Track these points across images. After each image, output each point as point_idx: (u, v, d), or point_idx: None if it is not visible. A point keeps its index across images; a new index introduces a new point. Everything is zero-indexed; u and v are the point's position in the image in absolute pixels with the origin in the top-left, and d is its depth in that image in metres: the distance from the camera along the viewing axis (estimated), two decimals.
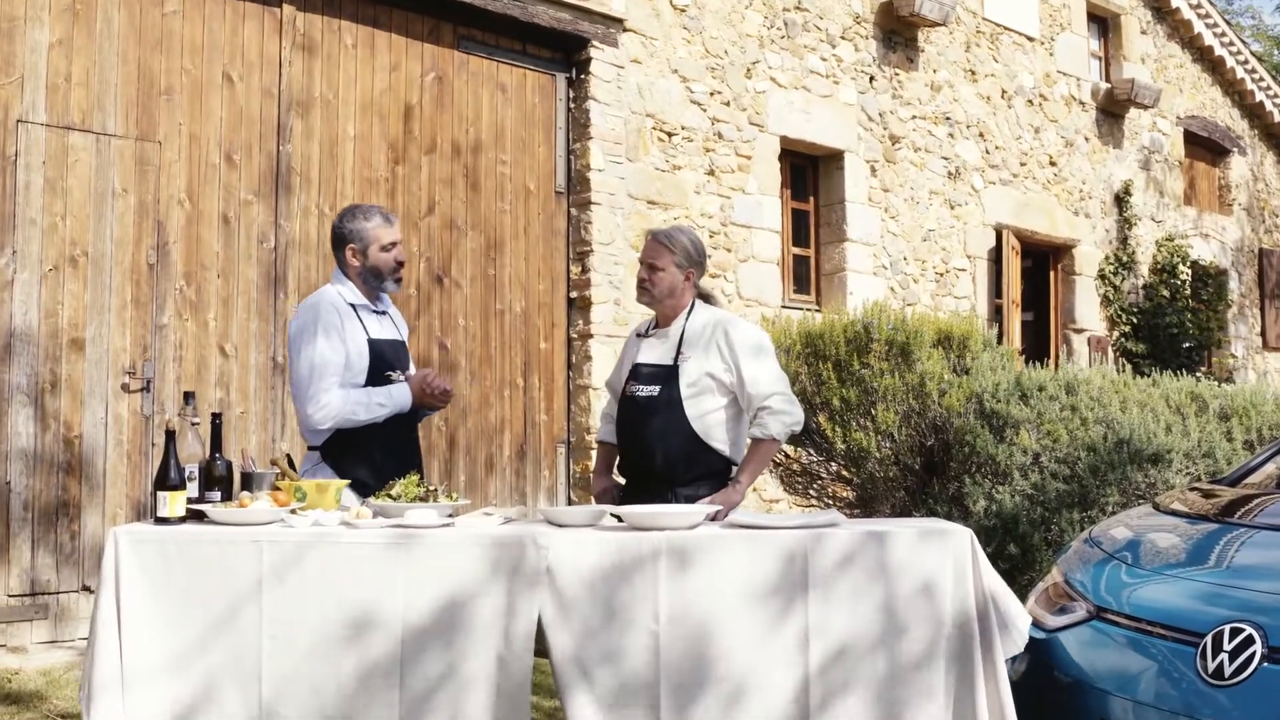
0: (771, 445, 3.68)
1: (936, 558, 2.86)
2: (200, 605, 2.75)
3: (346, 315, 3.58)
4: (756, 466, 3.68)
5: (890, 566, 2.84)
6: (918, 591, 2.83)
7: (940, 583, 2.84)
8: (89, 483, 5.51)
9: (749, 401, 3.66)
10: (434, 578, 2.77)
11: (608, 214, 7.34)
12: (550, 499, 7.19)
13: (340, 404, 3.49)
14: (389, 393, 3.58)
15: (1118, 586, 3.21)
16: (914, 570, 2.84)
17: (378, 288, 3.71)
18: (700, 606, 2.79)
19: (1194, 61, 12.75)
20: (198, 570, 2.76)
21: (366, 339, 3.59)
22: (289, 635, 2.73)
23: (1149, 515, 3.75)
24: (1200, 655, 2.76)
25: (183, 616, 2.74)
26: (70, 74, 5.56)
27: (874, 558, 2.84)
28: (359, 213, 3.69)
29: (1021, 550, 5.15)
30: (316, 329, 3.51)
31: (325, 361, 3.49)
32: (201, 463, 3.09)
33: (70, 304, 5.51)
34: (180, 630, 2.74)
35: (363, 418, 3.52)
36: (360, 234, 3.66)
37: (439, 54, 6.89)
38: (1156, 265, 11.78)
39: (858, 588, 2.82)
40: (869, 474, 5.78)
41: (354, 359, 3.55)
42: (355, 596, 2.76)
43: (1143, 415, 5.53)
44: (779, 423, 3.64)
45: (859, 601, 2.82)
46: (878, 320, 5.82)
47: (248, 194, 6.10)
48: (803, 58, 8.75)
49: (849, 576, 2.83)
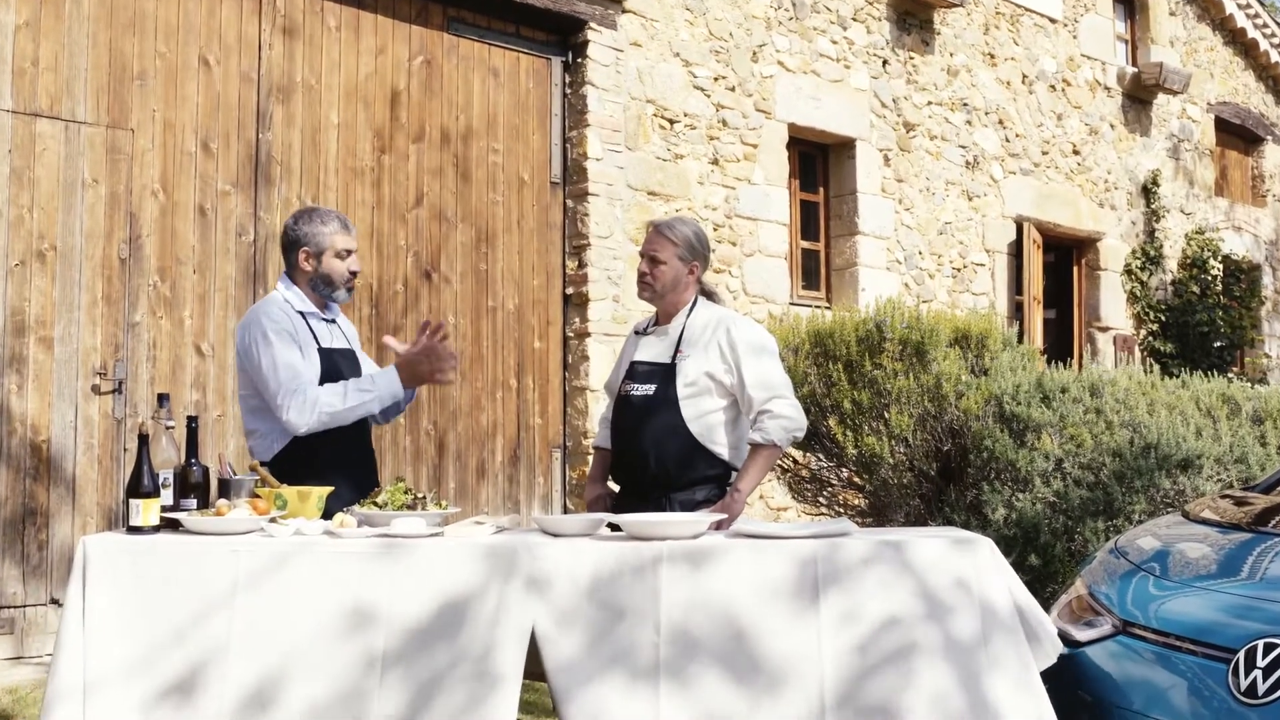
0: (773, 452, 3.67)
1: (956, 568, 2.85)
2: (174, 618, 2.74)
3: (298, 323, 3.57)
4: (756, 474, 3.66)
5: (906, 577, 2.84)
6: (936, 604, 2.83)
7: (961, 595, 2.83)
8: (58, 489, 5.51)
9: (749, 404, 3.66)
10: (421, 590, 2.77)
11: (606, 206, 7.34)
12: (545, 507, 7.19)
13: (314, 403, 3.42)
14: (371, 379, 3.54)
15: (1145, 599, 3.21)
16: (932, 581, 2.84)
17: (327, 296, 3.69)
18: (703, 620, 2.78)
19: (1225, 45, 12.75)
20: (172, 582, 2.76)
21: (317, 348, 3.59)
22: (265, 650, 2.73)
23: (1178, 524, 3.75)
24: (1232, 672, 2.76)
25: (155, 630, 2.74)
26: (38, 58, 5.56)
27: (889, 568, 2.84)
28: (316, 216, 3.68)
29: (1043, 561, 5.15)
30: (274, 336, 3.49)
31: (290, 363, 3.46)
32: (176, 468, 3.09)
33: (38, 300, 5.51)
34: (152, 644, 2.73)
35: (345, 407, 3.45)
36: (315, 238, 3.64)
37: (427, 36, 6.89)
38: (1186, 260, 11.78)
39: (872, 600, 2.82)
40: (882, 480, 5.78)
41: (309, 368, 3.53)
42: (338, 610, 2.75)
43: (1171, 418, 5.53)
44: (780, 428, 3.63)
45: (874, 615, 2.81)
46: (891, 318, 5.82)
47: (225, 184, 6.10)
48: (812, 40, 8.75)
49: (863, 589, 2.82)
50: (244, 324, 3.59)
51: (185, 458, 3.12)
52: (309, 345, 3.56)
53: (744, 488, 3.64)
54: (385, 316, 6.59)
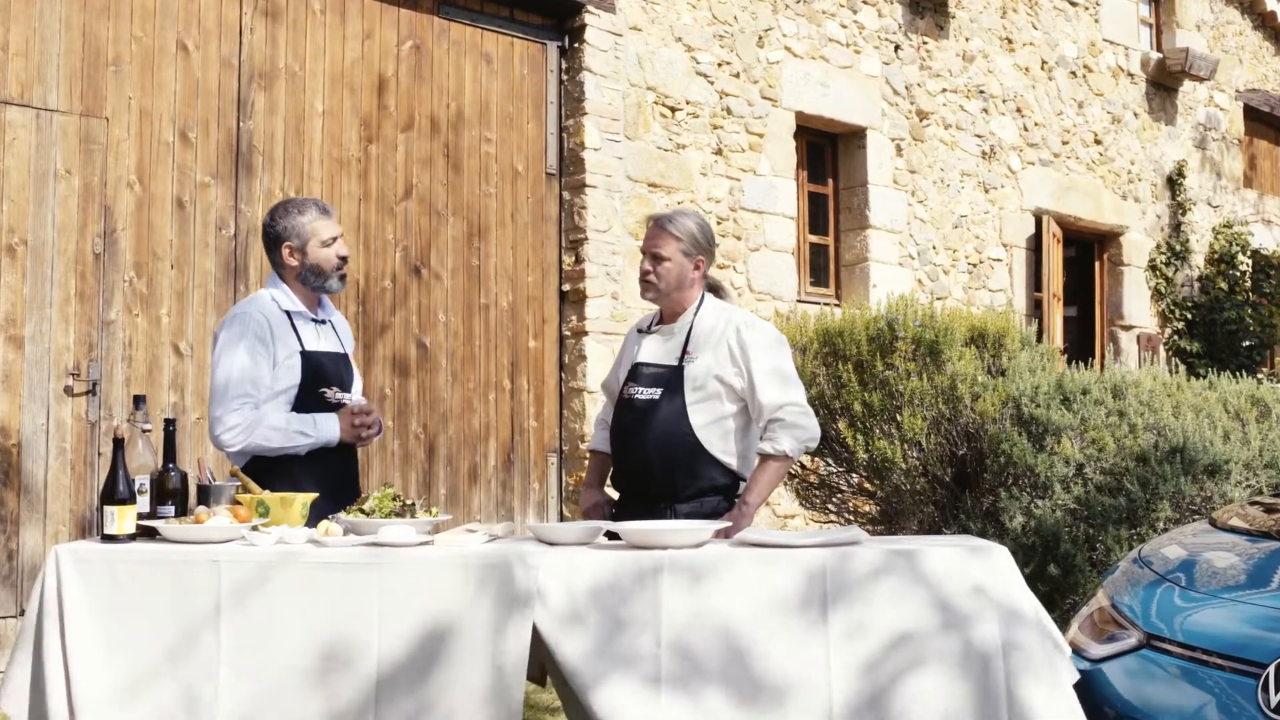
0: (784, 463, 3.64)
1: (972, 578, 2.85)
2: (151, 633, 2.74)
3: (279, 324, 3.58)
4: (766, 486, 3.62)
5: (919, 587, 2.84)
6: (951, 614, 2.83)
7: (978, 603, 2.83)
8: (28, 496, 5.51)
9: (759, 411, 3.62)
10: (412, 602, 2.77)
11: (604, 198, 7.34)
12: (540, 514, 7.19)
13: (251, 427, 3.47)
14: (314, 421, 3.56)
15: (1170, 611, 3.21)
16: (947, 590, 2.84)
17: (319, 288, 3.70)
18: (706, 633, 2.78)
19: (1255, 29, 12.75)
20: (149, 593, 2.76)
21: (299, 351, 3.59)
22: (249, 666, 2.73)
23: (1205, 532, 3.75)
24: (1262, 687, 2.76)
25: (131, 646, 2.74)
26: (7, 43, 5.55)
27: (901, 578, 2.84)
28: (292, 207, 3.69)
29: (1063, 571, 5.15)
30: (240, 341, 3.52)
31: (244, 378, 3.49)
32: (153, 474, 3.09)
33: (7, 297, 5.51)
34: (128, 661, 2.74)
35: (276, 445, 3.51)
36: (296, 230, 3.64)
37: (416, 20, 6.89)
38: (1213, 255, 11.78)
39: (884, 611, 2.82)
40: (894, 487, 5.78)
41: (284, 375, 3.55)
42: (324, 622, 2.75)
43: (1198, 421, 5.53)
44: (792, 438, 3.59)
45: (886, 627, 2.82)
46: (903, 316, 5.82)
47: (204, 175, 6.10)
48: (820, 24, 8.75)
49: (874, 600, 2.82)
50: (232, 315, 3.63)
51: (162, 463, 3.13)
52: (290, 351, 3.57)
53: (753, 500, 3.60)
54: (373, 314, 6.59)
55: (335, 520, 3.11)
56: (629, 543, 2.95)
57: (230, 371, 3.49)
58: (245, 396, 3.49)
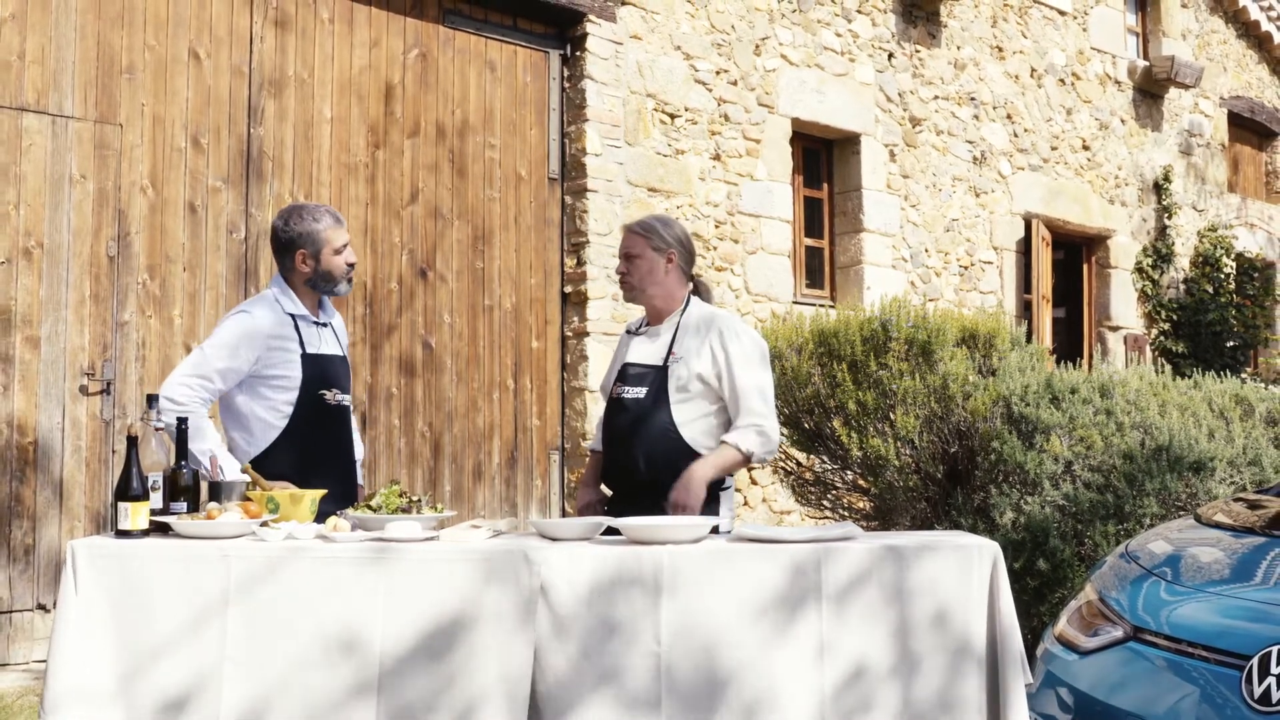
0: (741, 460, 3.60)
1: (962, 573, 2.85)
2: (162, 625, 2.74)
3: (284, 326, 3.59)
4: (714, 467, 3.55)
5: (910, 582, 2.84)
6: (941, 609, 2.83)
7: (966, 600, 2.84)
8: (45, 492, 5.51)
9: (735, 413, 3.63)
10: (417, 596, 2.77)
11: (605, 202, 7.34)
12: (543, 510, 7.19)
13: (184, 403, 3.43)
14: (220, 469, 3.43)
15: (1156, 605, 3.21)
16: (937, 586, 2.84)
17: (328, 292, 3.70)
18: (706, 625, 2.78)
19: (1239, 38, 12.75)
20: (161, 587, 2.76)
21: (300, 354, 3.58)
22: (256, 658, 2.73)
23: (1190, 528, 3.75)
24: (1246, 679, 2.76)
25: (143, 637, 2.74)
26: (24, 51, 5.55)
27: (893, 573, 2.84)
28: (306, 214, 3.65)
29: (1052, 566, 5.15)
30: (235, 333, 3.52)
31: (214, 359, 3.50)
32: (166, 471, 3.09)
33: (24, 299, 5.51)
34: (140, 652, 2.74)
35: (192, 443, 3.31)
36: (311, 237, 3.63)
37: (423, 29, 6.89)
38: (1198, 257, 11.78)
39: (875, 605, 2.83)
40: (887, 483, 5.78)
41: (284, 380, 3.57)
42: (330, 616, 2.75)
43: (1183, 420, 5.53)
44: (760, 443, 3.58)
45: (877, 619, 2.82)
46: (897, 317, 5.82)
47: (216, 180, 6.10)
48: (816, 33, 8.75)
49: (866, 593, 2.83)
50: (243, 307, 3.65)
51: (175, 460, 3.12)
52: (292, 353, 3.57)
53: (698, 474, 3.52)
54: (379, 315, 6.60)
55: (343, 516, 3.12)
56: (629, 538, 2.95)
57: (207, 352, 3.52)
58: (205, 380, 3.49)
